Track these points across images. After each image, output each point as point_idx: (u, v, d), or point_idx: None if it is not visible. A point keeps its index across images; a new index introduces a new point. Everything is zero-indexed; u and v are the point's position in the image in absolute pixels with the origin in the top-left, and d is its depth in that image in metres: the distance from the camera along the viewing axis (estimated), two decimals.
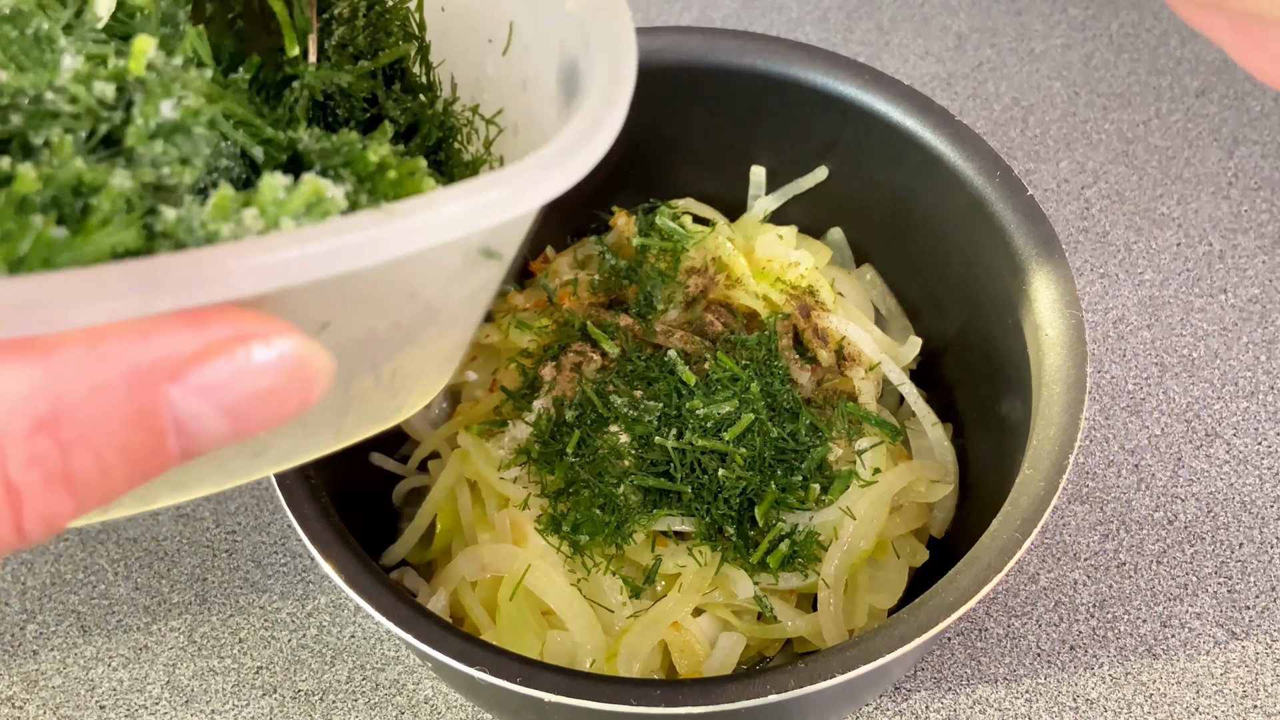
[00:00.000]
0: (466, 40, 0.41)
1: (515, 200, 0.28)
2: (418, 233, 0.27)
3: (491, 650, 0.47)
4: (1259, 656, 0.60)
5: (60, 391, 0.25)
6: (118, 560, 0.64)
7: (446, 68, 0.42)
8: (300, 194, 0.29)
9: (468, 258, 0.32)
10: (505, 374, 0.62)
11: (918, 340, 0.63)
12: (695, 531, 0.56)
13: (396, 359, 0.35)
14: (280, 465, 0.37)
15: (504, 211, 0.28)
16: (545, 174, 0.29)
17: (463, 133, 0.42)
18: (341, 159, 0.33)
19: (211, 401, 0.26)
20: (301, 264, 0.25)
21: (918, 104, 0.59)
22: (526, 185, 0.29)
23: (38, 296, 0.24)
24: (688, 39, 0.61)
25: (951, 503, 0.60)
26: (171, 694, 0.60)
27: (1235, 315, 0.70)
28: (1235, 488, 0.65)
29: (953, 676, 0.60)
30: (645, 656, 0.54)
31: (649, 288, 0.62)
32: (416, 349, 0.35)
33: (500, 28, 0.39)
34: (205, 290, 0.25)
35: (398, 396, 0.38)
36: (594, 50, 0.33)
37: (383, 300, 0.32)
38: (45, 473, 0.25)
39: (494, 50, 0.40)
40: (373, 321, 0.32)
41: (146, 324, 0.25)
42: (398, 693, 0.60)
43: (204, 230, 0.28)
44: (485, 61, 0.40)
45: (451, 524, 0.59)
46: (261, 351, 0.26)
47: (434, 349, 0.37)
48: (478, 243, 0.32)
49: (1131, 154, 0.77)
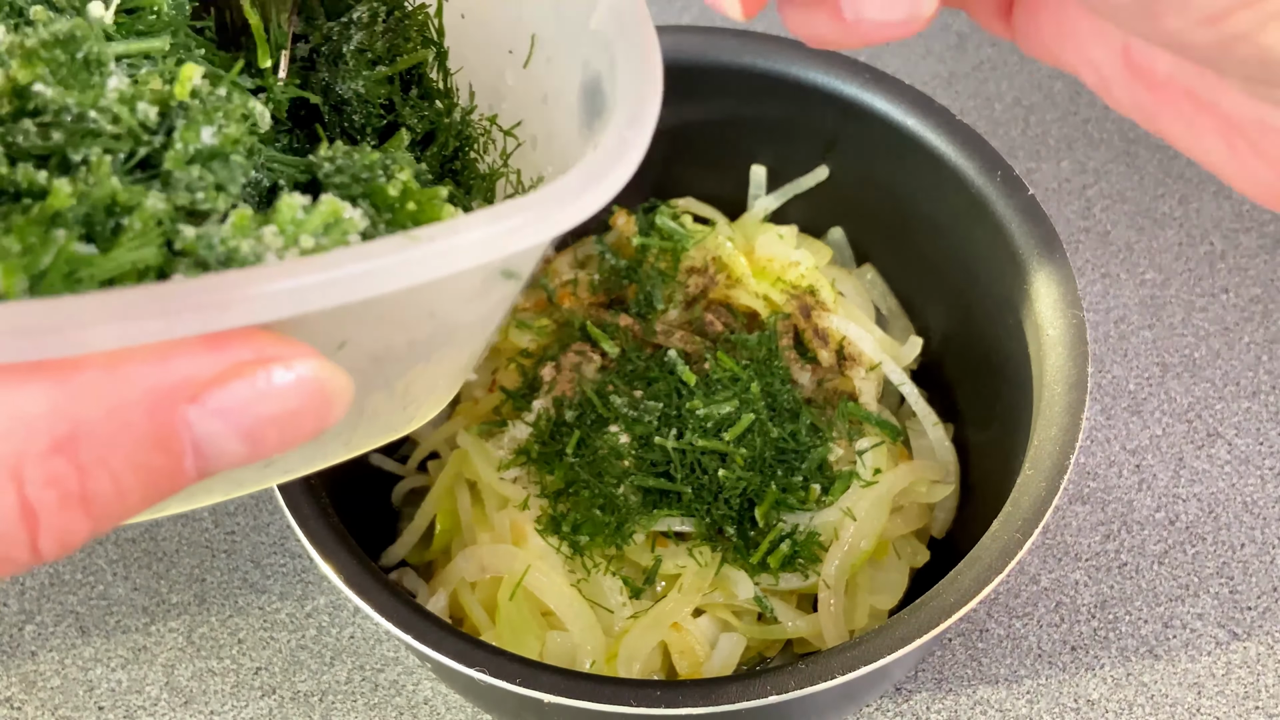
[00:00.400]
0: (487, 49, 0.41)
1: (539, 227, 0.28)
2: (441, 259, 0.27)
3: (491, 651, 0.46)
4: (1260, 657, 0.60)
5: (79, 413, 0.25)
6: (116, 561, 0.64)
7: (465, 76, 0.42)
8: (319, 214, 0.29)
9: (488, 278, 0.32)
10: (505, 374, 0.62)
11: (918, 340, 0.63)
12: (695, 532, 0.55)
13: (410, 374, 0.35)
14: (289, 475, 0.37)
15: (528, 238, 0.28)
16: (570, 201, 0.29)
17: (479, 143, 0.41)
18: (361, 189, 0.33)
19: (230, 423, 0.26)
20: (325, 290, 0.25)
21: (918, 103, 0.59)
22: (550, 212, 0.29)
23: (60, 319, 0.24)
24: (688, 38, 0.61)
25: (952, 503, 0.60)
26: (170, 695, 0.60)
27: (1237, 315, 0.70)
28: (1237, 488, 0.65)
29: (954, 677, 0.60)
30: (645, 657, 0.54)
31: (649, 287, 0.62)
32: (430, 365, 0.35)
33: (522, 39, 0.39)
34: (229, 315, 0.25)
35: (409, 409, 0.38)
36: (619, 71, 0.33)
37: (402, 319, 0.32)
38: (62, 493, 0.25)
39: (515, 61, 0.39)
40: (390, 339, 0.32)
41: (167, 346, 0.25)
42: (397, 693, 0.60)
43: (224, 247, 0.28)
44: (505, 72, 0.40)
45: (451, 524, 0.59)
46: (281, 374, 0.26)
47: (448, 364, 0.37)
48: (500, 264, 0.31)
49: (1133, 153, 0.77)
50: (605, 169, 0.30)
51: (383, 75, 0.39)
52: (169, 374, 0.25)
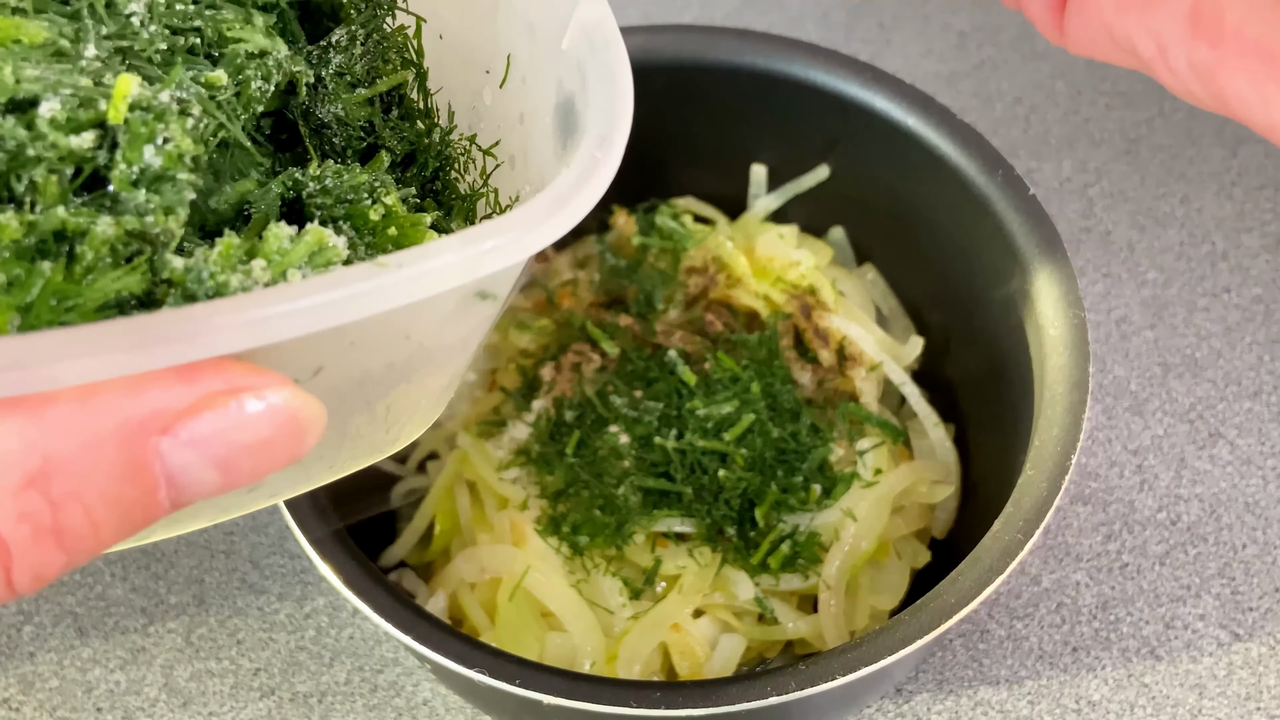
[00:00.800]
0: (464, 70, 0.41)
1: (510, 250, 0.29)
2: (410, 285, 0.27)
3: (490, 652, 0.46)
4: (1263, 658, 0.60)
5: (51, 447, 0.25)
6: (114, 562, 0.64)
7: (444, 96, 0.42)
8: (304, 244, 0.29)
9: (463, 301, 0.32)
10: (504, 374, 0.62)
11: (919, 340, 0.63)
12: (695, 533, 0.55)
13: (391, 396, 0.35)
14: (276, 498, 0.37)
15: (499, 261, 0.28)
16: (539, 223, 0.29)
17: (460, 162, 0.41)
18: (344, 211, 0.33)
19: (202, 453, 0.26)
20: (292, 320, 0.26)
21: (919, 102, 0.58)
22: (521, 235, 0.29)
23: (30, 355, 0.24)
24: (688, 37, 0.60)
25: (953, 504, 0.60)
26: (169, 696, 0.60)
27: (1239, 315, 0.70)
28: (1239, 488, 0.65)
29: (954, 678, 0.60)
30: (645, 658, 0.54)
31: (649, 288, 0.62)
32: (411, 386, 0.35)
33: (498, 59, 0.39)
34: (196, 347, 0.25)
35: (392, 430, 0.38)
36: (590, 91, 0.33)
37: (377, 344, 0.32)
38: (35, 528, 0.25)
39: (492, 81, 0.39)
40: (367, 363, 0.32)
41: (139, 379, 0.25)
42: (396, 694, 0.60)
43: (213, 281, 0.28)
44: (483, 92, 0.40)
45: (450, 525, 0.59)
46: (253, 404, 0.26)
47: (430, 384, 0.37)
48: (473, 287, 0.31)
49: (1134, 153, 0.76)
50: (574, 190, 0.30)
51: (363, 98, 0.39)
52: (140, 406, 0.25)
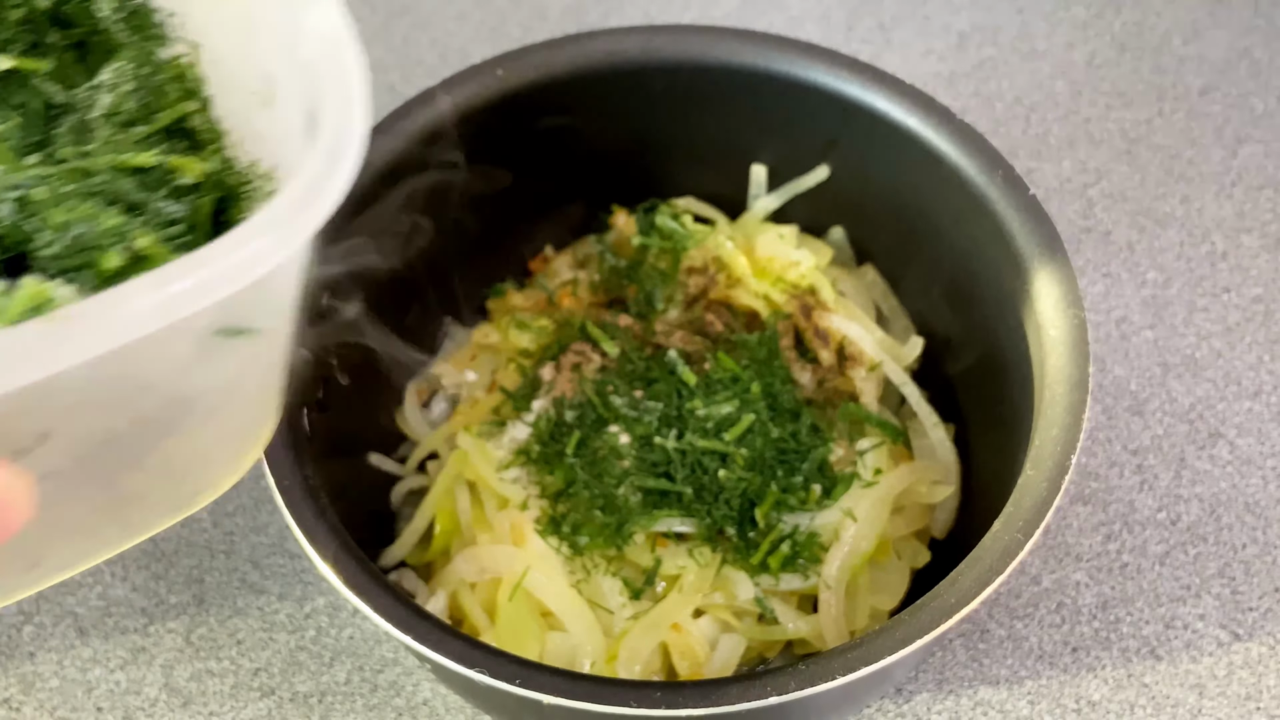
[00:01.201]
0: (234, 92, 0.38)
1: (202, 291, 0.26)
2: (94, 336, 0.24)
3: (490, 652, 0.46)
4: (1262, 658, 0.60)
5: None
6: (115, 562, 0.64)
7: (229, 122, 0.39)
8: (21, 298, 0.26)
9: (201, 342, 0.29)
10: (504, 374, 0.62)
11: (919, 340, 0.63)
12: (695, 533, 0.55)
13: (160, 450, 0.33)
14: (65, 573, 0.35)
15: (196, 302, 0.26)
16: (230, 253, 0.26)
17: (247, 188, 0.38)
18: (79, 261, 0.30)
19: None
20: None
21: (919, 102, 0.58)
22: (210, 275, 0.26)
23: None
24: (688, 37, 0.60)
25: (953, 504, 0.60)
26: (169, 696, 0.60)
27: (1239, 315, 0.70)
28: (1239, 488, 0.65)
29: (954, 678, 0.60)
30: (645, 658, 0.53)
31: (649, 288, 0.62)
32: (184, 438, 0.33)
33: (258, 78, 0.36)
34: None
35: (187, 483, 0.35)
36: (326, 103, 0.31)
37: (109, 400, 0.29)
38: None
39: (260, 101, 0.37)
40: (107, 422, 0.30)
41: None
42: (396, 694, 0.60)
43: None
44: (252, 114, 0.38)
45: (450, 525, 0.59)
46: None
47: (210, 433, 0.34)
48: (205, 326, 0.29)
49: (1134, 153, 0.76)
50: (287, 217, 0.27)
51: (143, 135, 0.36)
52: None
